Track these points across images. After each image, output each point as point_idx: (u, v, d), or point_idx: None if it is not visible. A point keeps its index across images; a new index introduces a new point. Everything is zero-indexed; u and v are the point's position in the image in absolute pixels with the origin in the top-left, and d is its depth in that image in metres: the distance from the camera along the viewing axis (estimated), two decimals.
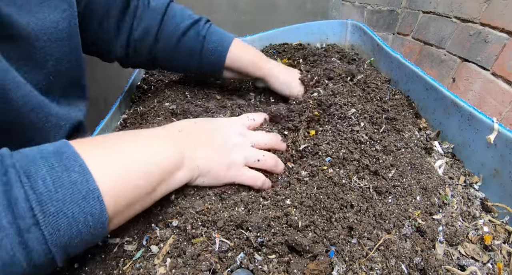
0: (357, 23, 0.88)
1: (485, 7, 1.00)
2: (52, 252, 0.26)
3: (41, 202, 0.26)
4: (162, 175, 0.35)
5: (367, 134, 0.48)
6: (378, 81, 0.64)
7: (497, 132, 0.44)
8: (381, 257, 0.36)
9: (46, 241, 0.26)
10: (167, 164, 0.36)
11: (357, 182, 0.43)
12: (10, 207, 0.24)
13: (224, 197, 0.43)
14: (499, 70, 0.95)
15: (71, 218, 0.27)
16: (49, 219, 0.26)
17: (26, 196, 0.25)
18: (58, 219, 0.26)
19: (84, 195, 0.28)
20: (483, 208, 0.45)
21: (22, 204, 0.25)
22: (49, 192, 0.26)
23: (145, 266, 0.35)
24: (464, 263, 0.37)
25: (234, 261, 0.35)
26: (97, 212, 0.28)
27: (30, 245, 0.25)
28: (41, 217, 0.25)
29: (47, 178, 0.27)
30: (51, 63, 0.43)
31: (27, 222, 0.25)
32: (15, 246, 0.24)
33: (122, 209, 0.32)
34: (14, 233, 0.24)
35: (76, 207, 0.27)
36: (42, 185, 0.26)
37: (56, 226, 0.26)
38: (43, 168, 0.27)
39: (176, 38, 0.59)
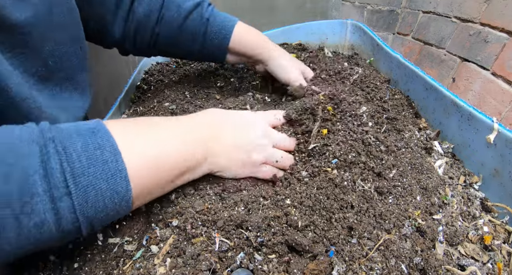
0: (357, 23, 0.88)
1: (485, 7, 1.00)
2: (79, 221, 0.29)
3: (74, 175, 0.28)
4: (186, 168, 0.38)
5: (374, 135, 0.48)
6: (378, 81, 0.64)
7: (497, 132, 0.44)
8: (381, 257, 0.36)
9: (75, 210, 0.28)
10: (192, 160, 0.38)
11: (360, 184, 0.43)
12: (46, 177, 0.27)
13: (224, 196, 0.43)
14: (499, 70, 0.95)
15: (99, 192, 0.29)
16: (80, 191, 0.28)
17: (62, 168, 0.27)
18: (88, 192, 0.28)
19: (112, 173, 0.30)
20: (483, 208, 0.45)
21: (58, 175, 0.27)
22: (82, 166, 0.29)
23: (145, 266, 0.35)
24: (464, 263, 0.37)
25: (234, 261, 0.35)
26: (122, 190, 0.31)
27: (61, 212, 0.27)
28: (73, 188, 0.28)
29: (81, 154, 0.29)
30: (47, 49, 0.42)
31: (60, 192, 0.27)
32: (47, 211, 0.27)
33: (145, 191, 0.34)
34: (47, 200, 0.27)
35: (104, 183, 0.29)
36: (76, 159, 0.28)
37: (85, 198, 0.28)
38: (78, 144, 0.29)
39: (179, 21, 0.58)
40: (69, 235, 0.30)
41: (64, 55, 0.46)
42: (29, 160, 0.27)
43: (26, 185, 0.26)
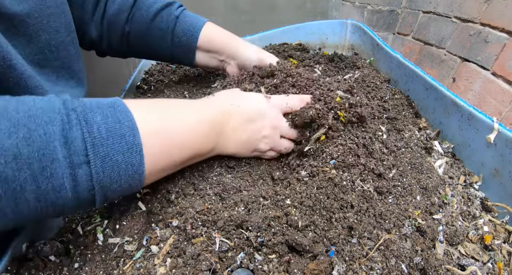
0: (357, 23, 0.88)
1: (485, 7, 1.00)
2: (95, 190, 0.30)
3: (94, 145, 0.30)
4: (197, 154, 0.41)
5: (378, 138, 0.48)
6: (377, 80, 0.64)
7: (497, 132, 0.44)
8: (381, 257, 0.36)
9: (92, 179, 0.30)
10: (204, 148, 0.41)
11: (360, 184, 0.43)
12: (67, 144, 0.28)
13: (224, 196, 0.43)
14: (499, 70, 0.95)
15: (116, 163, 0.31)
16: (98, 161, 0.30)
17: (83, 137, 0.29)
18: (105, 162, 0.30)
19: (129, 147, 0.32)
20: (483, 208, 0.45)
21: (79, 144, 0.29)
22: (101, 138, 0.30)
23: (145, 266, 0.35)
24: (464, 262, 0.37)
25: (234, 261, 0.35)
26: (136, 163, 0.33)
27: (79, 179, 0.29)
28: (92, 157, 0.29)
29: (102, 126, 0.31)
30: (44, 38, 0.44)
31: (80, 159, 0.29)
32: (66, 177, 0.28)
33: (158, 168, 0.36)
34: (66, 166, 0.28)
35: (121, 155, 0.31)
36: (96, 130, 0.30)
37: (102, 168, 0.30)
38: (98, 117, 0.31)
39: (148, 19, 0.60)
40: (83, 203, 0.31)
41: (61, 45, 0.47)
42: (51, 127, 0.28)
43: (47, 150, 0.27)
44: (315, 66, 0.77)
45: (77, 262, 0.37)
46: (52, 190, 0.28)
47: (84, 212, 0.48)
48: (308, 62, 0.78)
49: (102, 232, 0.40)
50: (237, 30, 0.68)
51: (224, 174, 0.47)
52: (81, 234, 0.42)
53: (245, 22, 1.52)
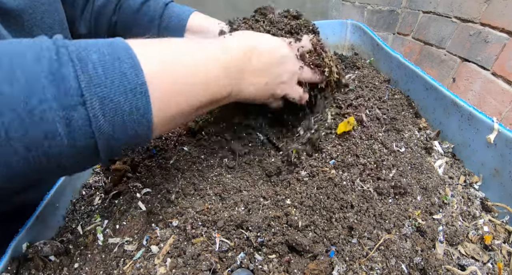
0: (357, 23, 0.88)
1: (485, 7, 1.00)
2: (95, 137, 0.26)
3: (90, 84, 0.25)
4: (213, 98, 0.36)
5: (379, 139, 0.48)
6: (377, 80, 0.64)
7: (497, 132, 0.44)
8: (381, 257, 0.36)
9: (90, 123, 0.25)
10: (221, 91, 0.36)
11: (360, 184, 0.43)
12: (56, 82, 0.24)
13: (224, 196, 0.43)
14: (499, 70, 0.95)
15: (118, 106, 0.27)
16: (96, 102, 0.25)
17: (76, 75, 0.25)
18: (105, 104, 0.26)
19: (132, 87, 0.27)
20: (483, 208, 0.45)
21: (71, 82, 0.25)
22: (98, 76, 0.26)
23: (145, 266, 0.35)
24: (464, 262, 0.37)
25: (234, 261, 0.35)
26: (142, 106, 0.28)
27: (74, 124, 0.25)
28: (88, 98, 0.25)
29: (97, 64, 0.26)
30: (37, 34, 0.44)
31: (74, 100, 0.25)
32: (57, 120, 0.24)
33: (167, 114, 0.31)
34: (58, 107, 0.24)
35: (123, 96, 0.27)
36: (92, 68, 0.26)
37: (102, 111, 0.26)
38: (93, 54, 0.27)
39: (135, 7, 0.60)
40: (84, 153, 0.27)
41: None
42: (37, 64, 0.24)
43: (33, 89, 0.23)
44: None
45: (77, 262, 0.37)
46: (43, 137, 0.24)
47: (84, 212, 0.48)
48: None
49: (102, 232, 0.40)
50: None
51: (224, 174, 0.47)
52: (81, 234, 0.42)
53: None
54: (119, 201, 0.45)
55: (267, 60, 0.41)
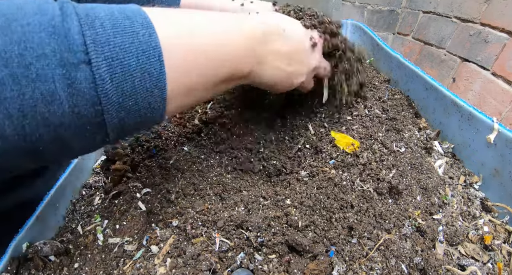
0: (357, 23, 0.88)
1: (485, 7, 1.00)
2: (102, 104, 0.22)
3: (96, 42, 0.22)
4: (232, 74, 0.32)
5: (379, 139, 0.48)
6: (377, 80, 0.64)
7: (497, 132, 0.44)
8: (381, 257, 0.36)
9: (96, 86, 0.22)
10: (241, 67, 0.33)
11: (360, 184, 0.43)
12: (57, 35, 0.21)
13: (224, 197, 0.43)
14: (499, 70, 0.95)
15: (127, 68, 0.23)
16: (103, 63, 0.22)
17: (81, 29, 0.22)
18: (113, 66, 0.22)
19: (144, 49, 0.24)
20: (483, 208, 0.45)
21: (75, 36, 0.21)
22: (107, 34, 0.23)
23: (145, 266, 0.35)
24: (464, 263, 0.37)
25: (234, 261, 0.35)
26: (155, 72, 0.25)
27: (77, 85, 0.21)
28: (94, 56, 0.22)
29: (106, 21, 0.23)
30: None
31: (77, 57, 0.21)
32: (57, 80, 0.21)
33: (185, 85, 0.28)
34: (57, 64, 0.21)
35: (134, 59, 0.23)
36: (99, 25, 0.23)
37: (109, 72, 0.22)
38: (102, 12, 0.23)
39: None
40: (88, 125, 0.23)
41: None
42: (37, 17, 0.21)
43: (30, 42, 0.20)
44: None
45: (77, 262, 0.37)
46: (40, 98, 0.21)
47: (84, 212, 0.48)
48: None
49: (102, 232, 0.40)
50: None
51: (224, 174, 0.47)
52: (81, 234, 0.42)
53: None
54: (119, 201, 0.45)
55: (293, 47, 0.39)
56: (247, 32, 0.33)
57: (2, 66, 0.20)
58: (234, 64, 0.32)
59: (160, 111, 0.27)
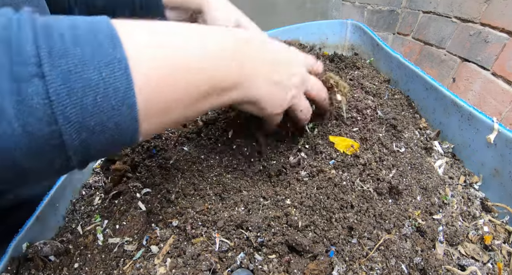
0: (357, 23, 0.88)
1: (485, 7, 1.00)
2: (58, 123, 0.20)
3: (52, 53, 0.20)
4: (214, 85, 0.29)
5: (379, 139, 0.48)
6: (377, 80, 0.64)
7: (497, 132, 0.44)
8: (381, 257, 0.36)
9: (50, 103, 0.19)
10: (224, 77, 0.30)
11: (360, 184, 0.43)
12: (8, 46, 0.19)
13: (224, 196, 0.43)
14: (499, 70, 0.95)
15: (87, 83, 0.20)
16: (59, 77, 0.20)
17: (34, 39, 0.20)
18: (71, 80, 0.20)
19: (108, 61, 0.21)
20: (483, 208, 0.45)
21: (27, 48, 0.19)
22: (65, 46, 0.20)
23: (145, 266, 0.35)
24: (464, 263, 0.37)
25: (234, 261, 0.35)
26: (122, 87, 0.22)
27: (28, 101, 0.19)
28: (48, 69, 0.19)
29: (67, 32, 0.21)
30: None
31: (28, 70, 0.19)
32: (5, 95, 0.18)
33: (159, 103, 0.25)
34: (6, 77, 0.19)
35: (95, 72, 0.21)
36: (58, 36, 0.20)
37: (66, 88, 0.20)
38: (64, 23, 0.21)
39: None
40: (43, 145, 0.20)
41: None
42: None
43: None
44: None
45: (77, 262, 0.37)
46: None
47: (84, 212, 0.48)
48: None
49: (102, 232, 0.40)
50: None
51: (224, 174, 0.47)
52: (81, 234, 0.42)
53: None
54: (119, 201, 0.45)
55: (276, 54, 0.36)
56: (229, 38, 0.31)
57: None
58: (216, 73, 0.29)
59: (131, 132, 0.24)
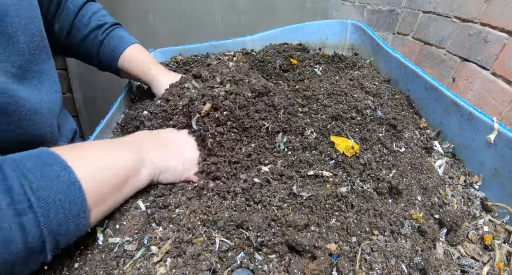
0: (357, 23, 0.88)
1: (485, 7, 1.00)
2: (44, 236, 0.29)
3: (33, 189, 0.29)
4: (127, 174, 0.40)
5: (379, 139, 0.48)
6: (377, 80, 0.64)
7: (497, 132, 0.44)
8: (381, 257, 0.36)
9: (39, 224, 0.28)
10: (130, 164, 0.40)
11: (359, 184, 0.43)
12: (6, 192, 0.27)
13: (225, 196, 0.43)
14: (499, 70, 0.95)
15: (59, 204, 0.30)
16: (42, 203, 0.29)
17: (20, 182, 0.28)
18: (49, 204, 0.29)
19: (67, 186, 0.31)
20: (483, 208, 0.45)
21: (18, 190, 0.28)
22: (37, 180, 0.30)
23: (146, 266, 0.35)
24: (464, 262, 0.37)
25: (234, 261, 0.35)
26: (79, 200, 0.32)
27: (27, 227, 0.28)
28: (34, 201, 0.28)
29: (35, 170, 0.30)
30: (23, 39, 0.44)
31: (23, 205, 0.28)
32: (13, 227, 0.27)
33: (98, 201, 0.36)
34: (12, 214, 0.27)
35: (62, 195, 0.31)
36: (31, 175, 0.30)
37: (47, 210, 0.29)
38: (28, 164, 0.31)
39: (81, 38, 0.64)
40: (34, 255, 0.30)
41: (38, 49, 0.47)
42: None
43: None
44: (315, 66, 0.77)
45: (77, 262, 0.37)
46: (2, 242, 0.26)
47: None
48: (308, 62, 0.78)
49: (102, 232, 0.40)
50: (237, 30, 0.68)
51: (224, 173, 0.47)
52: None
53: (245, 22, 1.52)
54: None
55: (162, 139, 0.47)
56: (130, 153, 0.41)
57: None
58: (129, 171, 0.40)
59: (85, 228, 0.34)
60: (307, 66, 0.76)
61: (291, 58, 0.79)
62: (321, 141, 0.49)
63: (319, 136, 0.50)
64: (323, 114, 0.54)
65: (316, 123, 0.52)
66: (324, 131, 0.50)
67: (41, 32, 0.48)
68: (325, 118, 0.53)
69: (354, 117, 0.52)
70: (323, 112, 0.55)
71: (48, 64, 0.51)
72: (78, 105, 1.57)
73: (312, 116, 0.54)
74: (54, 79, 0.53)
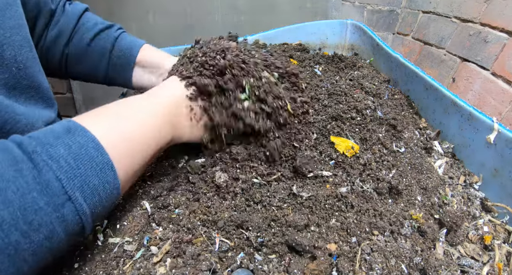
0: (357, 23, 0.88)
1: (485, 7, 1.00)
2: (83, 221, 0.30)
3: (69, 179, 0.29)
4: (159, 149, 0.41)
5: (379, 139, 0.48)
6: (377, 80, 0.64)
7: (497, 132, 0.44)
8: (381, 257, 0.36)
9: (78, 213, 0.29)
10: (164, 142, 0.41)
11: (359, 184, 0.43)
12: (43, 190, 0.28)
13: (225, 196, 0.43)
14: (499, 70, 0.95)
15: (94, 188, 0.31)
16: (78, 193, 0.29)
17: (56, 176, 0.28)
18: (84, 191, 0.30)
19: (101, 168, 0.32)
20: (483, 208, 0.45)
21: (55, 184, 0.28)
22: (72, 169, 0.30)
23: (145, 266, 0.35)
24: (464, 262, 0.38)
25: (234, 261, 0.35)
26: (111, 180, 0.33)
27: (66, 218, 0.29)
28: (71, 192, 0.29)
29: (68, 157, 0.30)
30: (9, 53, 0.42)
31: (61, 199, 0.28)
32: (54, 222, 0.28)
33: (128, 176, 0.36)
34: (52, 210, 0.28)
35: (96, 178, 0.31)
36: (65, 163, 0.29)
37: (83, 198, 0.30)
38: (60, 149, 0.30)
39: (87, 41, 0.61)
40: (75, 236, 0.31)
41: (27, 61, 0.45)
42: (21, 180, 0.27)
43: (27, 204, 0.26)
44: (315, 67, 0.77)
45: (77, 262, 0.37)
46: (45, 239, 0.27)
47: None
48: (308, 63, 0.78)
49: (102, 232, 0.40)
50: (237, 30, 0.68)
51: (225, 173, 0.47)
52: None
53: (245, 22, 1.52)
54: (119, 201, 0.45)
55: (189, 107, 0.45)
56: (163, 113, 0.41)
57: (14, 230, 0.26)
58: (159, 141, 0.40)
59: (117, 199, 0.36)
60: (307, 66, 0.76)
61: (291, 58, 0.79)
62: (321, 141, 0.49)
63: (319, 137, 0.50)
64: (323, 115, 0.54)
65: (316, 124, 0.52)
66: (324, 131, 0.50)
67: (29, 42, 0.46)
68: (325, 118, 0.53)
69: (354, 117, 0.52)
70: (323, 112, 0.55)
71: (40, 74, 0.49)
72: (78, 105, 1.57)
73: (312, 116, 0.54)
74: (47, 90, 0.51)
